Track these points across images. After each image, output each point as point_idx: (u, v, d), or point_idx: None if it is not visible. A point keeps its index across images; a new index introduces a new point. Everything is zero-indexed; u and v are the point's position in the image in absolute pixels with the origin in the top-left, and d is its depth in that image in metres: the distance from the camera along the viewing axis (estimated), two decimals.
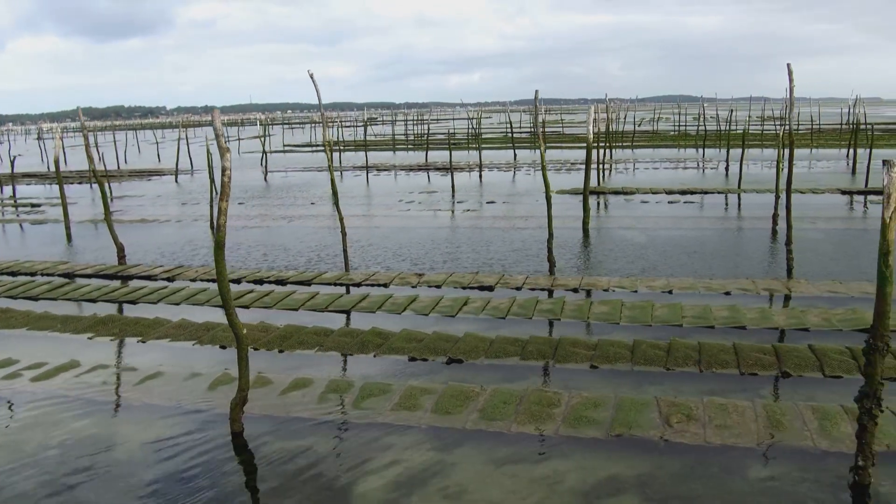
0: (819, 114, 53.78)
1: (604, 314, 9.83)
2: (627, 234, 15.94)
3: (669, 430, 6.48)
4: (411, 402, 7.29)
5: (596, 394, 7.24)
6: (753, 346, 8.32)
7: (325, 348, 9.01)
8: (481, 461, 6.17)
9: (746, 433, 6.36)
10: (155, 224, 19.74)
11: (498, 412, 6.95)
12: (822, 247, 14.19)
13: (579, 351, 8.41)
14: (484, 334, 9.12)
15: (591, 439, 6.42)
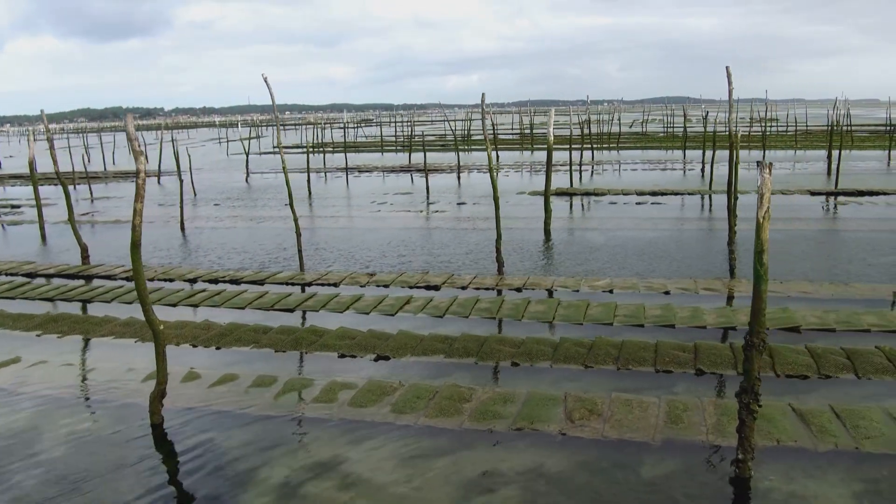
0: (806, 115, 53.90)
1: (539, 313, 10.01)
2: (587, 235, 16.12)
3: (570, 424, 6.66)
4: (330, 396, 7.49)
5: (507, 389, 7.43)
6: (674, 344, 8.50)
7: (261, 345, 9.20)
8: (385, 452, 6.36)
9: (644, 428, 6.54)
10: (128, 225, 19.89)
11: (409, 406, 7.14)
12: (774, 248, 14.30)
13: (504, 349, 8.59)
14: (416, 332, 9.31)
15: (492, 432, 6.61)
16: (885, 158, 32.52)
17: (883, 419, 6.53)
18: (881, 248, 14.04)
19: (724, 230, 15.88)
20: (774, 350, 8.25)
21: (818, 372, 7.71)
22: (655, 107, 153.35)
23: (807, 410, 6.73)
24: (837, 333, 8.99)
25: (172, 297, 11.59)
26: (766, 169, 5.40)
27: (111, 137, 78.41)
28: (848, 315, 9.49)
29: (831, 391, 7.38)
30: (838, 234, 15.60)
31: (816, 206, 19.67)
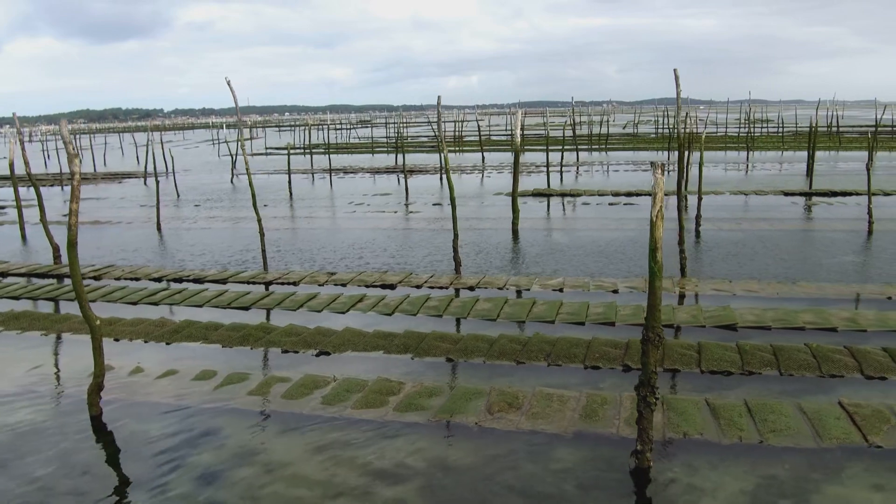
0: (796, 116, 54.06)
1: (485, 311, 10.24)
2: (553, 236, 16.34)
3: (488, 417, 6.89)
4: (265, 390, 7.73)
5: (435, 384, 7.66)
6: (607, 341, 8.71)
7: (209, 341, 9.44)
8: (307, 442, 6.60)
9: (559, 421, 6.76)
10: (107, 225, 20.19)
11: (339, 399, 7.37)
12: (732, 247, 14.52)
13: (442, 345, 8.82)
14: (361, 329, 9.54)
15: (413, 424, 6.84)
16: (871, 160, 32.66)
17: (793, 414, 6.74)
18: (838, 248, 14.24)
19: (688, 230, 16.15)
20: (704, 346, 8.47)
21: (742, 368, 7.92)
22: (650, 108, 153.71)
23: (720, 405, 6.94)
24: (773, 331, 9.20)
25: (134, 295, 11.83)
26: (658, 170, 5.61)
27: (113, 139, 78.78)
28: (785, 313, 9.69)
29: (753, 387, 7.58)
30: (799, 234, 15.78)
31: (786, 206, 19.85)
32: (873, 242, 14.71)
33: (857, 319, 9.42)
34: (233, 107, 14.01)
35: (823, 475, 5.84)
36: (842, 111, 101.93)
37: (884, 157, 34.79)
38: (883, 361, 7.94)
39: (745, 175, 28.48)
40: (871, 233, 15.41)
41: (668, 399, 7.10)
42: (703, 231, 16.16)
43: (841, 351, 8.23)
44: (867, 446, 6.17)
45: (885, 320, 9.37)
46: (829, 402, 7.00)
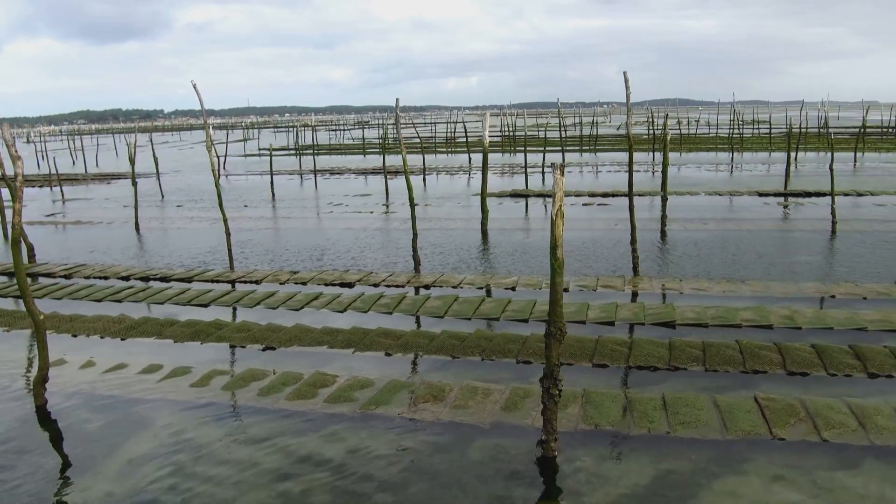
0: (786, 117, 54.11)
1: (434, 308, 10.49)
2: (520, 236, 16.57)
3: (412, 408, 7.14)
4: (205, 382, 8.01)
5: (367, 377, 7.92)
6: (541, 337, 8.94)
7: (162, 336, 9.72)
8: (235, 432, 6.86)
9: (479, 413, 7.01)
10: (88, 225, 20.49)
11: (273, 391, 7.64)
12: (691, 247, 14.74)
13: (384, 341, 9.07)
14: (310, 326, 9.80)
15: (339, 415, 7.10)
16: (853, 160, 32.86)
17: (707, 407, 6.96)
18: (798, 247, 14.45)
19: (653, 230, 16.40)
20: (636, 342, 8.71)
21: (668, 364, 8.16)
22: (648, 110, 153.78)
23: (638, 398, 7.18)
24: (710, 328, 9.43)
25: (99, 293, 12.12)
26: (557, 171, 5.85)
27: (110, 140, 79.31)
28: (725, 311, 9.92)
29: (679, 381, 7.81)
30: (763, 234, 15.97)
31: (758, 206, 20.04)
32: (834, 243, 14.92)
33: (794, 317, 9.64)
34: (232, 108, 14.37)
35: (724, 465, 6.07)
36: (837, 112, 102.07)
37: (873, 157, 34.96)
38: (808, 357, 8.16)
39: (730, 176, 28.69)
40: (834, 233, 15.62)
41: (588, 393, 7.34)
42: (669, 231, 16.38)
43: (769, 347, 8.46)
44: (771, 438, 6.41)
45: (822, 318, 9.59)
46: (745, 396, 7.24)
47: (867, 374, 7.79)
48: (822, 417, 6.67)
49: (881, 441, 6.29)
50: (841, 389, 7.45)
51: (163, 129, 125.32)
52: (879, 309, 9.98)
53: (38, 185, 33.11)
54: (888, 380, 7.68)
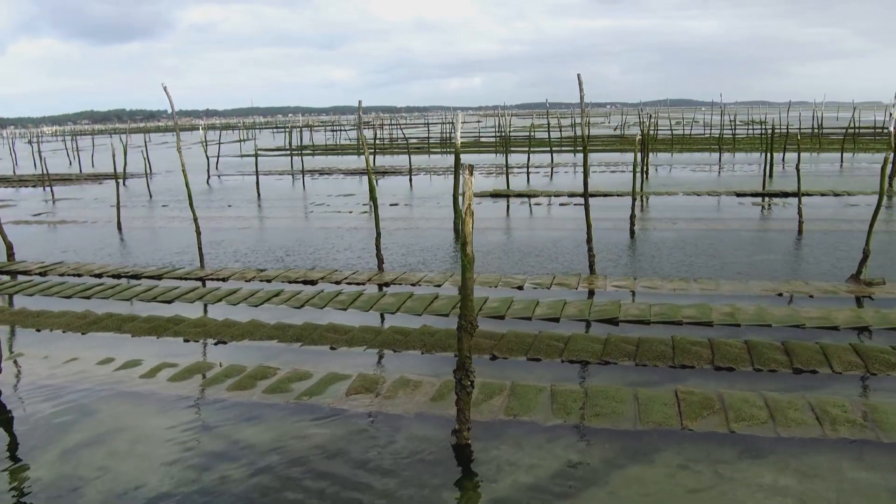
0: (780, 118, 54.22)
1: (388, 305, 10.78)
2: (492, 235, 16.83)
3: (343, 399, 7.42)
4: (153, 374, 8.33)
5: (306, 369, 8.22)
6: (486, 333, 9.22)
7: (122, 331, 10.04)
8: (173, 422, 7.16)
9: (406, 404, 7.29)
10: (73, 224, 20.87)
11: (215, 382, 7.96)
12: (658, 247, 14.97)
13: (331, 335, 9.37)
14: (264, 321, 10.10)
15: (273, 405, 7.39)
16: (844, 161, 32.99)
17: (627, 399, 7.22)
18: (762, 247, 14.66)
19: (623, 230, 16.64)
20: (572, 338, 8.96)
21: (600, 358, 8.41)
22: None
23: (561, 391, 7.44)
24: (651, 325, 9.68)
25: (70, 290, 12.45)
26: (466, 171, 6.12)
27: (112, 139, 79.93)
28: (669, 308, 10.17)
29: (609, 375, 8.06)
30: (730, 234, 16.16)
31: (733, 206, 20.24)
32: (798, 242, 15.12)
33: (736, 314, 9.87)
34: (236, 108, 14.68)
35: (633, 455, 6.32)
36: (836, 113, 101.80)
37: (864, 158, 35.01)
38: (738, 353, 8.40)
39: (718, 176, 28.88)
40: (801, 232, 15.82)
41: (515, 385, 7.61)
42: (638, 230, 16.62)
43: (702, 343, 8.69)
44: (681, 429, 6.66)
45: (762, 315, 9.82)
46: (667, 390, 7.48)
47: (792, 369, 8.02)
48: (736, 410, 6.91)
49: (787, 433, 6.53)
50: (766, 384, 7.68)
51: (164, 129, 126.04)
52: (822, 307, 10.20)
53: (32, 184, 33.58)
54: (812, 375, 7.91)
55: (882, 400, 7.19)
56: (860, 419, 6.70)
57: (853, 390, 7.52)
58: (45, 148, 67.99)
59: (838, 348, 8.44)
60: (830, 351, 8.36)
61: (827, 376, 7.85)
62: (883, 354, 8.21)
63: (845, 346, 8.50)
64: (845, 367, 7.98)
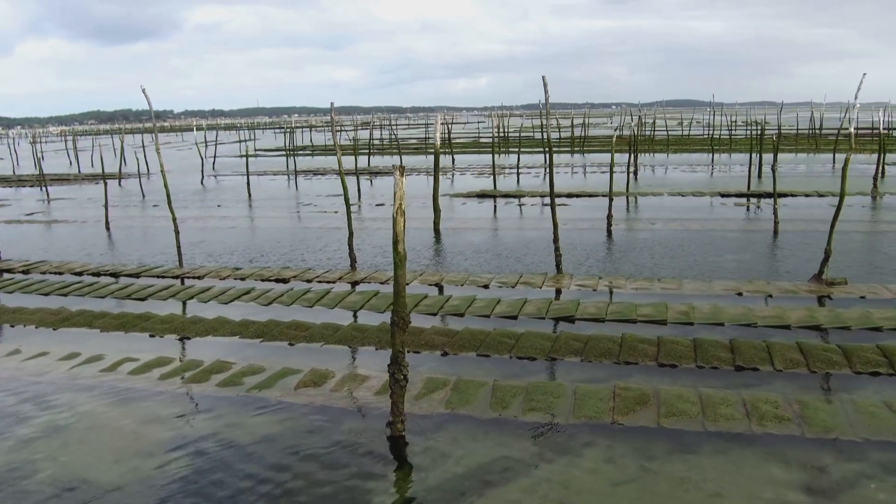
0: (778, 118, 54.14)
1: (353, 302, 11.03)
2: (469, 235, 17.04)
3: (291, 393, 7.67)
4: (115, 368, 8.61)
5: (261, 364, 8.48)
6: (441, 330, 9.47)
7: (92, 327, 10.33)
8: (129, 411, 7.42)
9: (351, 397, 7.53)
10: (63, 224, 21.24)
11: (172, 375, 8.24)
12: (630, 246, 15.12)
13: (291, 332, 9.62)
14: (229, 318, 10.36)
15: (224, 397, 7.65)
16: (836, 162, 33.01)
17: (565, 395, 7.41)
18: (733, 247, 14.77)
19: (602, 229, 16.81)
20: (523, 336, 9.17)
21: (547, 355, 8.61)
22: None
23: (502, 386, 7.64)
24: (606, 323, 9.87)
25: (48, 287, 12.76)
26: (397, 172, 6.35)
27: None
28: (626, 307, 10.35)
29: (556, 372, 8.28)
30: (705, 234, 16.26)
31: (715, 207, 20.36)
32: (773, 242, 15.26)
33: (691, 313, 10.04)
34: (242, 108, 15.02)
35: (562, 448, 6.52)
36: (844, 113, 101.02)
37: (860, 159, 34.95)
38: (683, 351, 8.58)
39: (710, 177, 28.98)
40: (776, 233, 15.95)
41: (460, 381, 7.82)
42: (616, 231, 16.79)
43: (649, 341, 8.87)
44: (611, 424, 6.85)
45: (716, 314, 9.98)
46: (606, 386, 7.66)
47: (734, 366, 8.20)
48: (669, 406, 7.10)
49: (714, 428, 6.71)
50: (709, 380, 7.84)
51: (170, 129, 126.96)
52: (777, 306, 10.36)
53: (30, 184, 34.05)
54: (753, 372, 8.08)
55: (816, 397, 7.37)
56: (789, 415, 6.88)
57: (791, 387, 7.68)
58: (49, 148, 68.75)
59: (784, 346, 8.61)
60: (775, 349, 8.53)
61: (768, 373, 8.03)
62: (826, 353, 8.38)
63: (791, 345, 8.67)
64: (787, 364, 8.15)
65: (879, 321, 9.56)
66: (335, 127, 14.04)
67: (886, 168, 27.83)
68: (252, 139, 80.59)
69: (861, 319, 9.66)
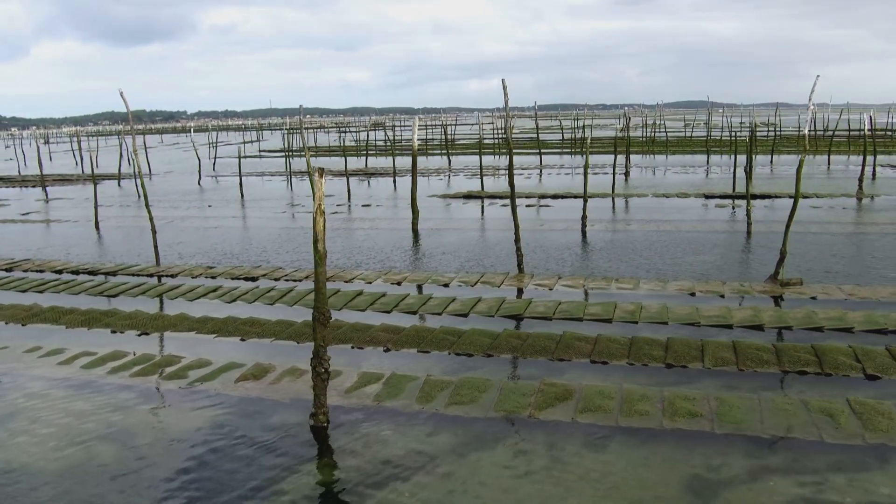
0: (773, 118, 53.84)
1: (310, 300, 11.31)
2: (446, 235, 17.31)
3: (231, 386, 7.99)
4: (71, 361, 8.98)
5: (209, 357, 8.82)
6: (390, 327, 9.74)
7: (58, 323, 10.73)
8: (75, 402, 7.78)
9: (285, 391, 7.84)
10: (55, 223, 21.80)
11: (123, 368, 8.61)
12: (600, 247, 15.31)
13: (246, 328, 9.97)
14: (189, 315, 10.73)
15: (168, 390, 8.00)
16: (836, 164, 32.88)
17: (490, 389, 7.66)
18: (702, 248, 14.90)
19: (575, 231, 17.01)
20: (465, 333, 9.42)
21: (485, 352, 8.86)
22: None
23: (432, 381, 7.91)
24: (553, 321, 10.08)
25: (26, 284, 13.21)
26: (316, 173, 6.64)
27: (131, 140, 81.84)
28: (574, 306, 10.57)
29: (493, 368, 8.50)
30: (678, 235, 16.38)
31: (695, 208, 20.46)
32: (746, 243, 15.37)
33: (637, 312, 10.23)
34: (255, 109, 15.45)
35: (480, 440, 6.77)
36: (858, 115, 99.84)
37: (858, 161, 34.75)
38: (617, 349, 8.78)
39: (706, 177, 29.07)
40: (749, 234, 16.05)
41: (393, 376, 8.10)
42: (591, 231, 16.98)
43: (586, 339, 9.09)
44: (527, 417, 7.09)
45: (661, 314, 10.16)
46: (532, 382, 7.87)
47: (665, 364, 8.40)
48: (588, 401, 7.32)
49: (627, 423, 6.92)
50: (639, 378, 8.04)
51: (183, 130, 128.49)
52: (725, 307, 10.51)
53: (32, 185, 34.82)
54: (682, 370, 8.27)
55: (736, 394, 7.53)
56: (703, 412, 7.06)
57: (717, 384, 7.84)
58: (59, 149, 69.82)
59: (718, 345, 8.79)
60: (708, 348, 8.71)
61: (698, 371, 8.22)
62: (758, 352, 8.55)
63: (725, 343, 8.85)
64: (717, 363, 8.33)
65: (822, 321, 9.71)
66: (303, 128, 14.35)
67: (879, 170, 27.83)
68: (258, 140, 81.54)
69: (804, 320, 9.81)
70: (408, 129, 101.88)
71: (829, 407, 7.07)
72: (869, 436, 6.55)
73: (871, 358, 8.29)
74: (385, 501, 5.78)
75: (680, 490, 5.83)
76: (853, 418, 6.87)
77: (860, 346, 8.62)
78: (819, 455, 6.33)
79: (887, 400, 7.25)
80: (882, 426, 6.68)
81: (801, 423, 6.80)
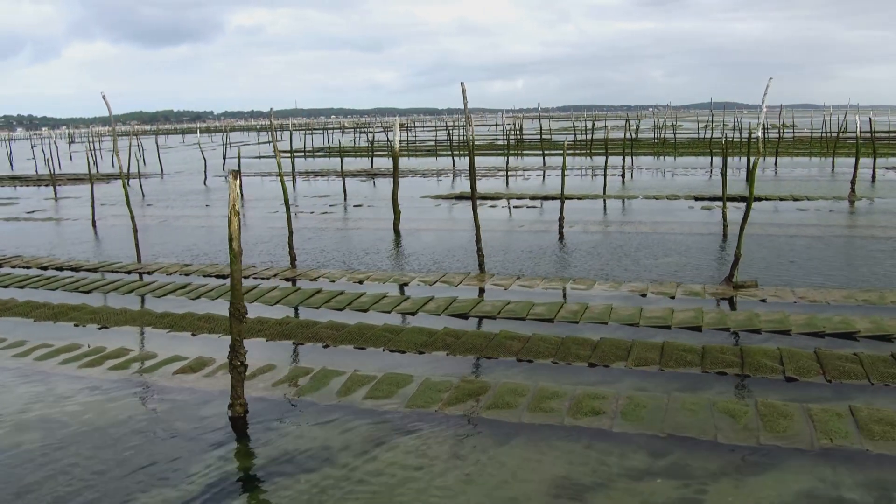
0: (787, 119, 52.98)
1: (271, 297, 11.74)
2: (426, 236, 17.60)
3: (170, 377, 8.42)
4: (28, 353, 9.48)
5: (156, 350, 9.26)
6: (335, 324, 10.06)
7: (28, 317, 11.29)
8: (40, 391, 8.26)
9: (220, 382, 8.24)
10: (56, 222, 22.65)
11: (73, 360, 9.06)
12: (574, 248, 15.45)
13: (200, 324, 10.43)
14: (153, 311, 11.21)
15: (114, 381, 8.44)
16: (834, 166, 32.37)
17: (409, 384, 7.93)
18: (673, 249, 14.96)
19: (553, 232, 17.16)
20: (403, 331, 9.70)
21: (419, 349, 9.13)
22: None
23: (356, 375, 8.21)
24: (498, 319, 10.32)
25: (9, 280, 13.91)
26: (230, 175, 6.98)
27: (149, 141, 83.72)
28: (523, 306, 10.78)
29: (427, 364, 8.77)
30: (652, 237, 16.43)
31: (681, 210, 20.42)
32: (718, 245, 15.38)
33: (580, 313, 10.39)
34: (280, 110, 15.85)
35: (389, 434, 7.04)
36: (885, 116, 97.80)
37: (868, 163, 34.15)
38: (546, 348, 8.97)
39: (709, 179, 28.92)
40: (725, 236, 16.04)
41: (322, 370, 8.43)
42: (569, 233, 17.12)
43: (519, 338, 9.30)
44: (434, 413, 7.33)
45: (602, 315, 10.29)
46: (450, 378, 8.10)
47: (588, 363, 8.57)
48: (498, 398, 7.55)
49: (529, 420, 7.12)
50: (558, 376, 8.22)
51: (205, 129, 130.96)
52: (668, 308, 10.62)
53: (45, 184, 36.00)
54: (604, 369, 8.44)
55: (648, 394, 7.67)
56: (607, 410, 7.24)
57: (634, 384, 8.00)
58: (83, 148, 71.48)
59: (645, 345, 8.95)
60: (635, 348, 8.87)
61: (619, 371, 8.39)
62: (683, 353, 8.68)
63: (654, 344, 9.00)
64: (639, 363, 8.49)
65: (761, 324, 9.79)
66: (273, 129, 14.79)
67: (880, 172, 27.38)
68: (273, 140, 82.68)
69: (744, 322, 9.90)
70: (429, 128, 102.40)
71: (734, 408, 7.20)
72: (764, 437, 6.67)
73: (796, 360, 8.38)
74: (285, 489, 6.09)
75: (561, 488, 6.00)
76: (755, 419, 6.98)
77: (788, 349, 8.71)
78: (711, 455, 6.45)
79: (796, 402, 7.36)
80: (780, 427, 6.79)
81: (700, 423, 6.94)
